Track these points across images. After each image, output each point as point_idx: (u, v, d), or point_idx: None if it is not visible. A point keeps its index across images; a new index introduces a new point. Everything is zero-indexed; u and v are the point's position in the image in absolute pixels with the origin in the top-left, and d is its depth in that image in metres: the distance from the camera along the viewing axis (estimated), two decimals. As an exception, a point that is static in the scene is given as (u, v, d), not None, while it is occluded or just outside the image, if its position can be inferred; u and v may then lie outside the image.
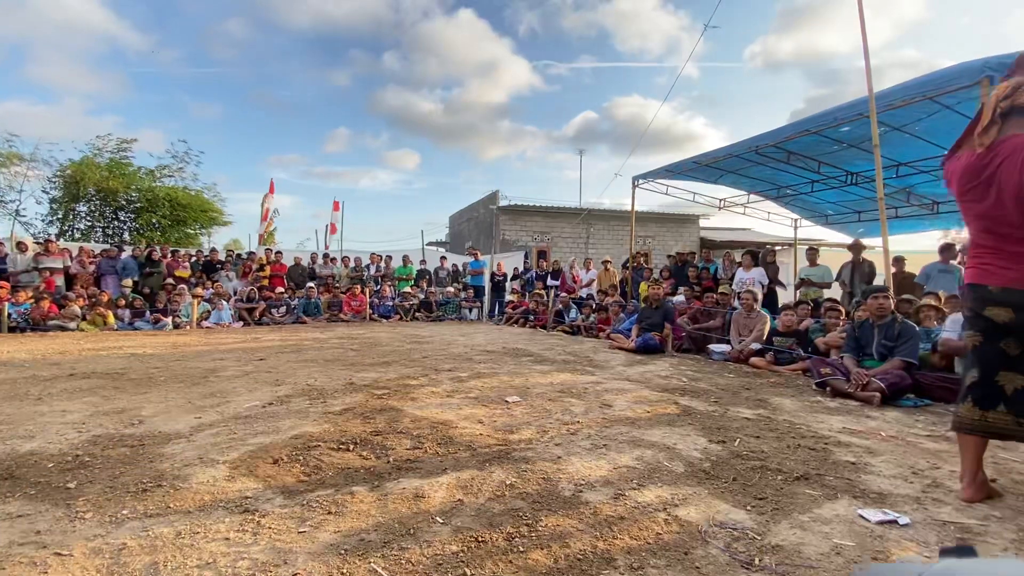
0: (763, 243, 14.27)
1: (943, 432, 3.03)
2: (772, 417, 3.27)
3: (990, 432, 1.99)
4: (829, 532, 1.72)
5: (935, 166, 7.61)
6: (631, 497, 1.99)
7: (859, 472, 2.30)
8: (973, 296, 2.05)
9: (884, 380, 3.79)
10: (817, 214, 11.39)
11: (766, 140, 7.61)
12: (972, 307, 2.06)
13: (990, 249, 2.00)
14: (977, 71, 4.96)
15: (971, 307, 2.07)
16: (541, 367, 5.06)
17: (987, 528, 1.79)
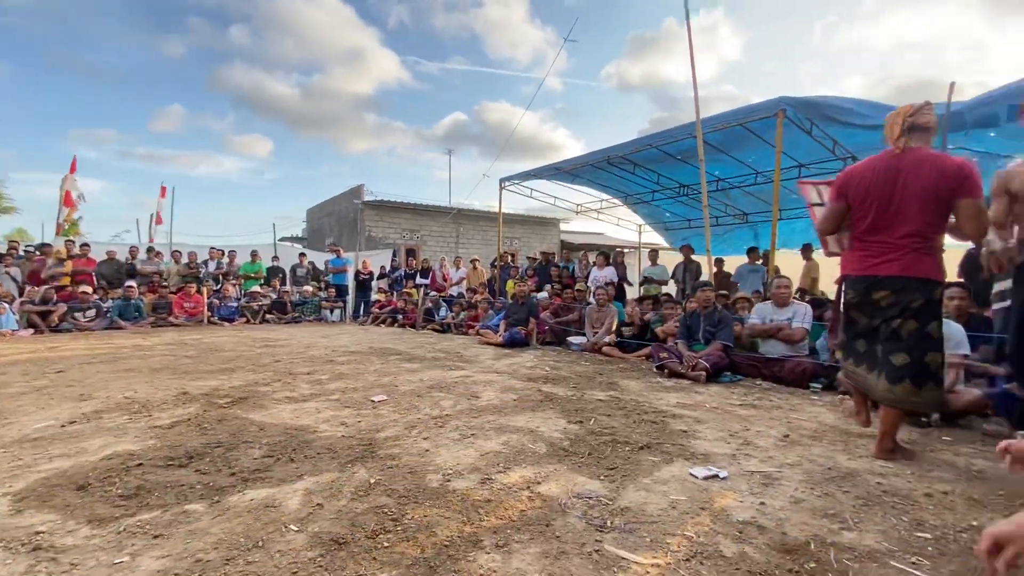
0: (614, 245, 15.73)
1: (751, 400, 3.64)
2: (621, 397, 3.61)
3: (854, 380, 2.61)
4: (667, 490, 1.96)
5: (747, 182, 9.13)
6: (497, 480, 2.03)
7: (689, 438, 2.65)
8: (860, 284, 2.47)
9: (708, 360, 4.43)
10: (657, 220, 12.90)
11: (616, 152, 8.41)
12: (857, 292, 2.48)
13: (873, 244, 2.43)
14: (775, 105, 6.08)
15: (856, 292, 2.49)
16: (410, 365, 4.95)
17: (782, 474, 2.19)
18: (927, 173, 2.30)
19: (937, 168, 2.30)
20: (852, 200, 2.51)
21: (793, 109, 6.11)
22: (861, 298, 2.50)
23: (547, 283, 9.07)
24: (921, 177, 2.31)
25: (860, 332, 2.54)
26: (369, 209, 17.31)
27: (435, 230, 18.40)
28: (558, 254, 16.74)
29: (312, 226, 23.28)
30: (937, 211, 2.33)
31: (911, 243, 2.36)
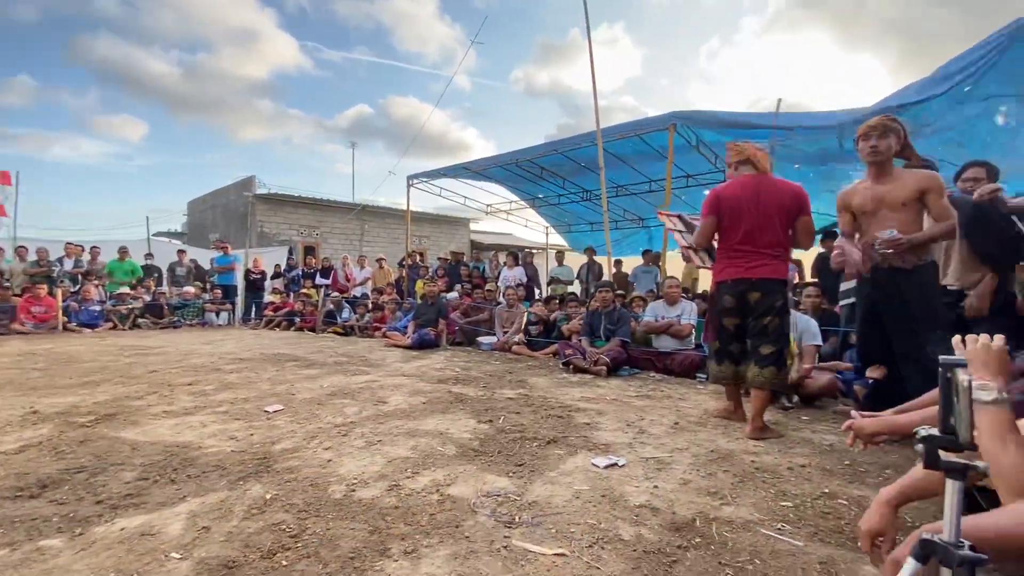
0: (523, 246, 16.08)
1: (646, 392, 3.92)
2: (529, 394, 3.71)
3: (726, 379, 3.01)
4: (571, 482, 2.05)
5: (643, 189, 9.80)
6: (405, 486, 1.99)
7: (592, 430, 2.80)
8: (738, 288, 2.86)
9: (609, 356, 4.70)
10: (562, 223, 13.42)
11: (524, 155, 8.61)
12: (734, 294, 2.87)
13: (747, 253, 2.84)
14: (667, 119, 6.61)
15: (732, 295, 2.88)
16: (309, 371, 4.67)
17: (673, 458, 2.38)
18: (780, 194, 2.84)
19: (786, 191, 2.86)
20: (724, 215, 2.91)
21: (683, 123, 6.67)
22: (736, 300, 2.90)
23: (457, 283, 9.05)
24: (776, 197, 2.83)
25: (735, 335, 2.96)
26: (261, 203, 16.03)
27: (337, 227, 17.51)
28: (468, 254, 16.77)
29: (194, 220, 21.05)
30: (788, 225, 2.87)
31: (773, 251, 2.85)
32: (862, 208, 2.79)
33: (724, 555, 1.52)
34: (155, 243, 13.68)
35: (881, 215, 2.71)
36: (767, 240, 2.83)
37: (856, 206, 2.82)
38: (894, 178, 2.68)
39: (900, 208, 2.65)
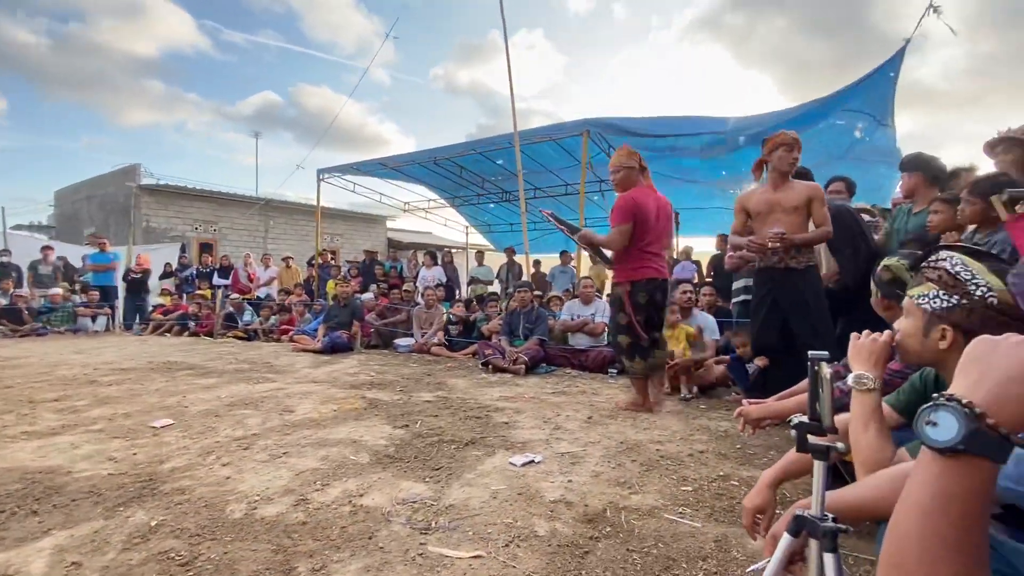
0: (442, 245, 15.94)
1: (562, 388, 4.05)
2: (448, 396, 3.67)
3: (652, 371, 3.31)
4: (489, 482, 2.06)
5: (560, 192, 10.09)
6: (314, 500, 1.89)
7: (510, 429, 2.83)
8: (651, 286, 3.18)
9: (527, 355, 4.79)
10: (482, 223, 13.46)
11: (442, 153, 8.53)
12: (650, 291, 3.19)
13: (655, 255, 3.21)
14: (581, 125, 6.86)
15: (647, 292, 3.19)
16: (205, 381, 4.27)
17: (586, 452, 2.47)
18: (667, 204, 3.34)
19: (668, 202, 3.36)
20: (640, 221, 3.18)
21: (596, 130, 6.97)
22: (650, 297, 3.21)
23: (372, 283, 8.75)
24: (667, 207, 3.32)
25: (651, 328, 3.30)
26: (148, 195, 14.41)
27: (238, 223, 16.18)
28: (385, 253, 16.27)
29: (64, 212, 18.44)
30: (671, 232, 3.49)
31: (665, 255, 3.37)
32: (757, 210, 3.12)
33: (632, 542, 1.60)
34: (13, 237, 11.80)
35: (772, 217, 3.04)
36: (665, 244, 3.36)
37: (752, 208, 3.13)
38: (789, 186, 3.03)
39: (791, 212, 3.00)
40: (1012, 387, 0.50)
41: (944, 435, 0.50)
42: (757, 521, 1.23)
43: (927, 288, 1.13)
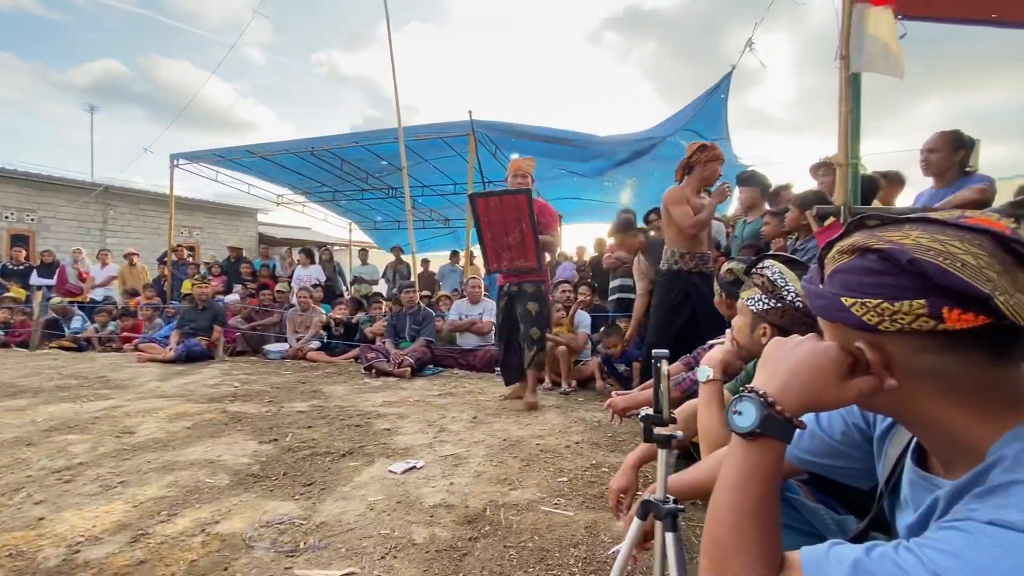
0: (323, 243, 15.00)
1: (449, 389, 4.03)
2: (324, 405, 3.45)
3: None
4: (366, 494, 1.97)
5: (448, 191, 10.03)
6: (157, 533, 1.65)
7: (392, 435, 2.74)
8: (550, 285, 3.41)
9: (413, 357, 4.69)
10: (367, 220, 12.90)
11: (321, 144, 8.00)
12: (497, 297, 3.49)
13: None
14: (468, 126, 6.89)
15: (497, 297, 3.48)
16: (15, 402, 3.53)
17: (469, 452, 2.48)
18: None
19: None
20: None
21: (483, 131, 7.03)
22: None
23: (238, 283, 7.92)
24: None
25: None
26: (-65, 174, 11.54)
27: (66, 212, 13.61)
28: (255, 249, 14.87)
29: None
30: None
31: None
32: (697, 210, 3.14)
33: (509, 538, 1.64)
34: None
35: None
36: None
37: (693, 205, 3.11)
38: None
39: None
40: (793, 379, 0.59)
41: (746, 422, 0.58)
42: (621, 500, 1.34)
43: (753, 291, 1.33)
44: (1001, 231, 0.50)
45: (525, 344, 3.43)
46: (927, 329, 0.50)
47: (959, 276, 0.48)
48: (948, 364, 0.51)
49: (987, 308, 0.47)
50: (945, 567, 0.43)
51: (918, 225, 0.53)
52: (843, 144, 2.57)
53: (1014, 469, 0.48)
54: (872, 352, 0.55)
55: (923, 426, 0.58)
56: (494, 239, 3.44)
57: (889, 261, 0.52)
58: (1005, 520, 0.44)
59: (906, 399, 0.55)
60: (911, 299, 0.50)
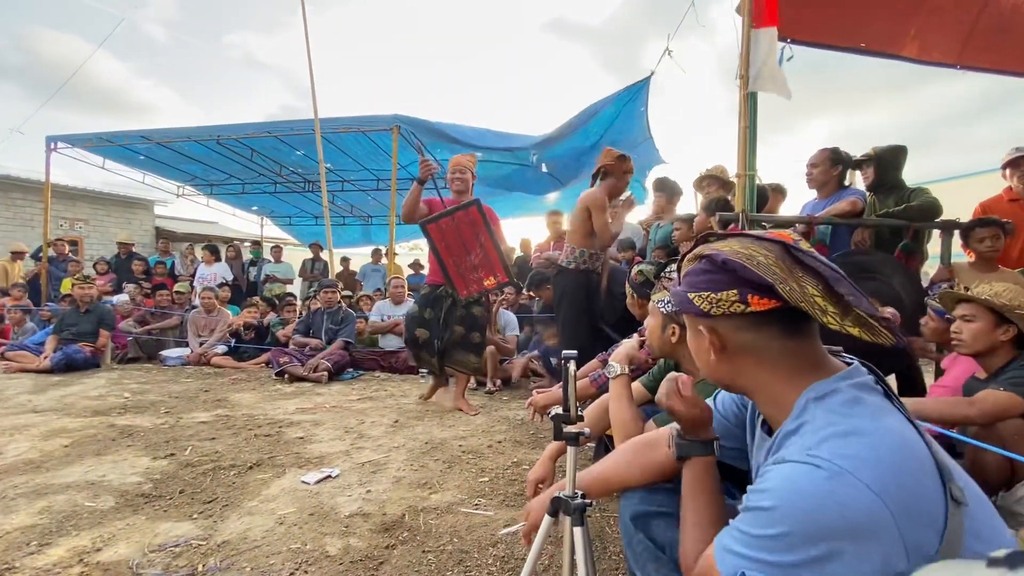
0: (232, 238, 13.94)
1: (369, 393, 3.90)
2: (231, 415, 3.21)
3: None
4: (275, 508, 1.86)
5: (370, 186, 9.70)
6: (25, 567, 1.45)
7: (306, 444, 2.61)
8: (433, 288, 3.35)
9: (330, 360, 4.48)
10: (281, 215, 12.15)
11: (228, 132, 7.43)
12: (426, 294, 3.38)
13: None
14: (391, 121, 6.70)
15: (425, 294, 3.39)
16: None
17: (389, 457, 2.42)
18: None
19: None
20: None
21: (407, 127, 6.87)
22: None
23: (130, 282, 7.14)
24: None
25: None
26: None
27: (-91, 199, 11.59)
28: (153, 245, 13.53)
29: None
30: None
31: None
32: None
33: (428, 543, 1.62)
34: None
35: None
36: None
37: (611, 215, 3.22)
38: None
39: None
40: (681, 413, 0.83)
41: (677, 452, 0.83)
42: (539, 490, 1.38)
43: (663, 294, 1.42)
44: (787, 241, 0.68)
45: (466, 349, 3.33)
46: (740, 312, 0.67)
47: (754, 271, 0.65)
48: (757, 339, 0.69)
49: (775, 293, 0.64)
50: (752, 500, 0.62)
51: (737, 238, 0.71)
52: (742, 157, 2.81)
53: (798, 417, 0.65)
54: (709, 334, 0.71)
55: (753, 392, 0.74)
56: (457, 263, 3.16)
57: (713, 263, 0.69)
58: (782, 457, 0.62)
59: (737, 370, 0.72)
60: (728, 290, 0.67)
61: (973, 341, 1.68)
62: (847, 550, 0.55)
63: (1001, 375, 1.63)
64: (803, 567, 0.56)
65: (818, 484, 0.56)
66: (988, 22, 3.23)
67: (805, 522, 0.56)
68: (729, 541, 0.64)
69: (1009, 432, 1.54)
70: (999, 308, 1.62)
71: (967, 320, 1.69)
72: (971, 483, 0.63)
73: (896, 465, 0.57)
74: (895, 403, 0.65)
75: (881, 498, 0.55)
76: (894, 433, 0.60)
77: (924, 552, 0.56)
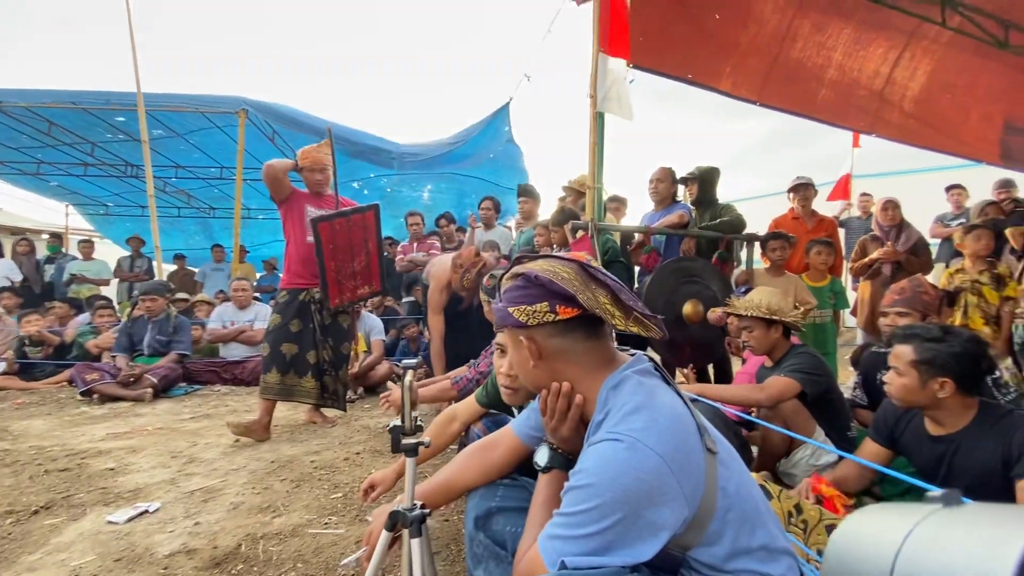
0: (24, 229, 11.34)
1: (206, 411, 3.44)
2: (12, 448, 2.59)
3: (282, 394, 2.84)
4: (67, 558, 1.54)
5: (213, 175, 8.58)
6: None
7: (117, 476, 2.21)
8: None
9: (156, 375, 3.87)
10: (94, 202, 10.18)
11: (15, 99, 6.03)
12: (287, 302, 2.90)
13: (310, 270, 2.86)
14: (237, 103, 6.01)
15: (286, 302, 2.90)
16: None
17: (226, 482, 2.16)
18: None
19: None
20: None
21: (254, 111, 6.22)
22: None
23: None
24: None
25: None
26: None
27: None
28: None
29: None
30: None
31: None
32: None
33: (268, 571, 1.48)
34: None
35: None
36: None
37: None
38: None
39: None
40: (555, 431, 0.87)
41: (542, 461, 0.89)
42: (368, 492, 1.44)
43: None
44: (582, 260, 0.81)
45: (336, 363, 3.00)
46: (551, 321, 0.78)
47: (560, 284, 0.77)
48: (566, 342, 0.81)
49: (576, 303, 0.76)
50: (573, 481, 0.70)
51: (543, 259, 0.83)
52: (592, 171, 3.06)
53: (604, 406, 0.77)
54: (528, 343, 0.82)
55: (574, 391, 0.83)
56: (339, 268, 2.87)
57: (527, 279, 0.80)
58: (594, 440, 0.73)
59: (552, 372, 0.83)
60: (540, 302, 0.78)
61: (758, 345, 2.06)
62: (644, 509, 0.66)
63: (782, 363, 2.00)
64: (611, 530, 0.66)
65: (619, 454, 0.68)
66: (779, 70, 3.95)
67: (613, 488, 0.66)
68: (551, 529, 0.70)
69: (788, 410, 1.89)
70: (765, 316, 2.00)
71: (748, 330, 2.06)
72: (723, 440, 0.80)
73: (671, 430, 0.71)
74: (667, 381, 0.82)
75: (664, 459, 0.67)
76: (667, 406, 0.74)
77: (695, 496, 0.69)
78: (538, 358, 0.81)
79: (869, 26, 3.90)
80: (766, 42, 3.81)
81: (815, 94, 4.11)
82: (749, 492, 0.75)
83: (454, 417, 1.57)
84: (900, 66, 4.12)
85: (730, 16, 3.69)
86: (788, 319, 2.03)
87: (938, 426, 1.47)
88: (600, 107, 2.96)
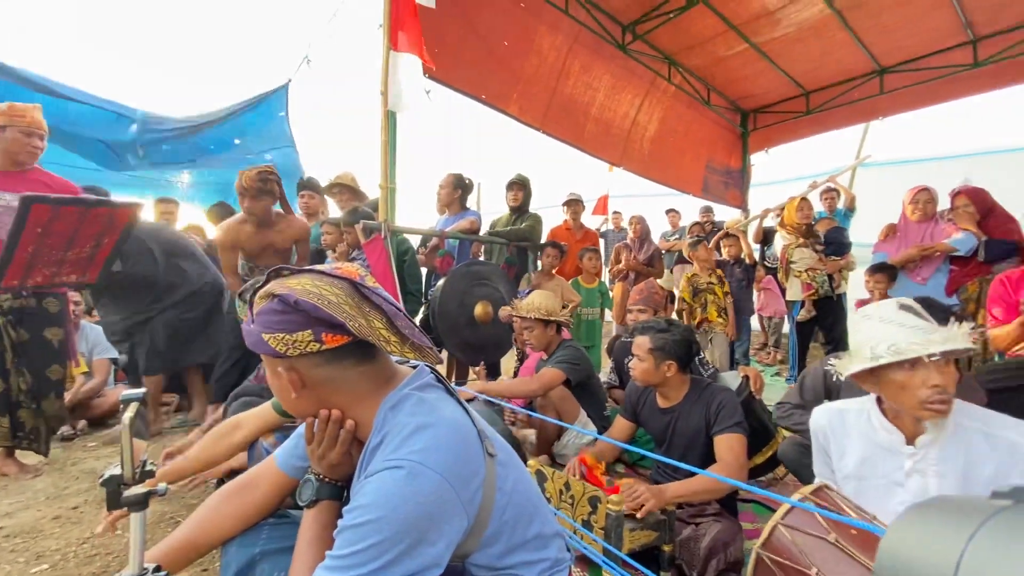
0: None
1: None
2: None
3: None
4: None
5: None
6: None
7: None
8: None
9: None
10: None
11: None
12: None
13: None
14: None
15: None
16: None
17: None
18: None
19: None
20: None
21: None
22: None
23: None
24: None
25: None
26: None
27: None
28: None
29: None
30: None
31: None
32: (251, 252, 2.88)
33: None
34: None
35: (266, 257, 2.90)
36: None
37: (246, 248, 2.86)
38: (278, 225, 2.90)
39: (284, 252, 2.97)
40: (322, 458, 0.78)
41: (306, 497, 0.80)
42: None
43: None
44: (354, 278, 0.72)
45: (38, 393, 2.30)
46: (316, 351, 0.69)
47: (327, 311, 0.67)
48: (334, 371, 0.72)
49: (346, 330, 0.68)
50: (349, 519, 0.64)
51: (308, 275, 0.72)
52: (384, 170, 2.96)
53: (380, 429, 0.72)
54: (288, 373, 0.72)
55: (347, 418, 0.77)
56: (38, 251, 2.14)
57: (286, 303, 0.68)
58: (371, 471, 0.68)
59: (319, 401, 0.75)
60: (302, 330, 0.68)
61: (538, 342, 2.30)
62: (427, 534, 0.63)
63: (553, 356, 2.26)
64: (393, 565, 0.61)
65: (400, 483, 0.63)
66: (558, 101, 4.40)
67: (395, 520, 0.62)
68: (323, 573, 0.63)
69: (557, 396, 2.14)
70: (543, 317, 2.26)
71: (529, 329, 2.29)
72: (501, 440, 0.81)
73: (452, 445, 0.68)
74: (448, 391, 0.79)
75: (446, 478, 0.65)
76: (448, 418, 0.72)
77: (474, 503, 0.69)
78: (301, 388, 0.73)
79: (623, 72, 4.69)
80: (547, 74, 4.22)
81: (583, 127, 4.71)
82: (525, 487, 0.78)
83: (238, 425, 1.33)
84: (642, 111, 5.06)
85: (516, 46, 3.98)
86: (561, 318, 2.30)
87: (665, 400, 1.83)
88: (392, 106, 2.90)
